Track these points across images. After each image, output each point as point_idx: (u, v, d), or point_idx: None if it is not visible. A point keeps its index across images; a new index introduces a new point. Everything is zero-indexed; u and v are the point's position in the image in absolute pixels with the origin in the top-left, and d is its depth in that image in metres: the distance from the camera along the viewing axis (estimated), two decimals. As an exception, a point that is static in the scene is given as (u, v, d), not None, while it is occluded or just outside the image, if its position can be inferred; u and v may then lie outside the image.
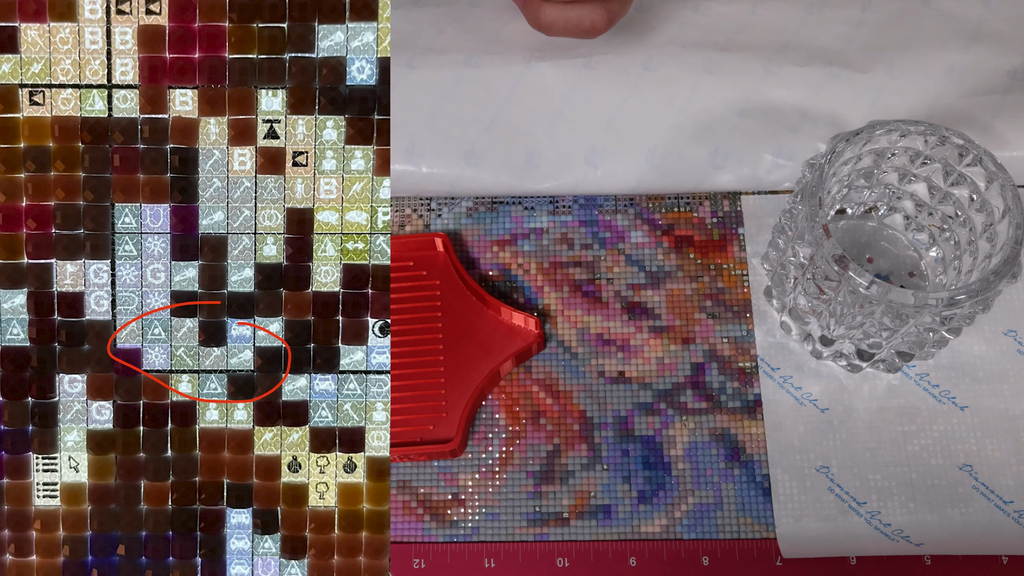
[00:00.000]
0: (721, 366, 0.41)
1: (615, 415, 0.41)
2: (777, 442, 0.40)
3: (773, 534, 0.39)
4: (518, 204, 0.45)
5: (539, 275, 0.43)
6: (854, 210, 0.42)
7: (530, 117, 0.44)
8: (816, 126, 0.43)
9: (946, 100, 0.43)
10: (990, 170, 0.35)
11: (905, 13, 0.46)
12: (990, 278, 0.33)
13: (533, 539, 0.39)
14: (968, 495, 0.39)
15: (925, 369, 0.41)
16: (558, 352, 0.42)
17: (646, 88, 0.44)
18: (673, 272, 0.43)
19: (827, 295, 0.36)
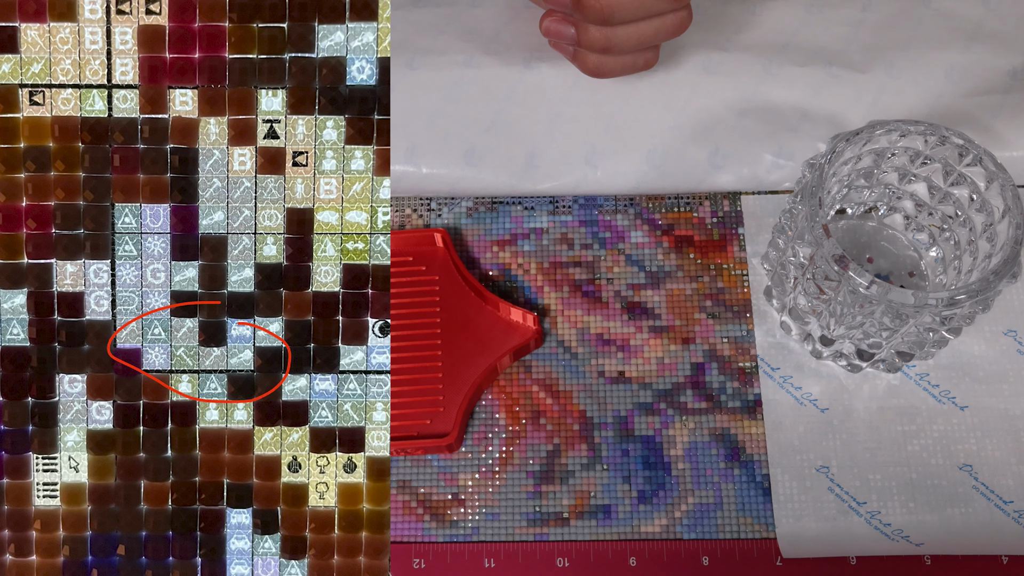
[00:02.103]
0: (721, 366, 0.41)
1: (615, 415, 0.41)
2: (777, 442, 0.40)
3: (773, 534, 0.39)
4: (518, 204, 0.45)
5: (539, 275, 0.43)
6: (854, 210, 0.42)
7: (530, 117, 0.44)
8: (816, 126, 0.43)
9: (946, 100, 0.43)
10: (990, 170, 0.35)
11: (905, 13, 0.46)
12: (990, 278, 0.33)
13: (533, 539, 0.39)
14: (968, 495, 0.39)
15: (925, 369, 0.41)
16: (558, 352, 0.42)
17: (646, 88, 0.44)
18: (673, 272, 0.43)
19: (827, 295, 0.36)
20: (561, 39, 0.41)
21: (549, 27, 0.40)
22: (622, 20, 0.38)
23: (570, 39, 0.40)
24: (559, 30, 0.40)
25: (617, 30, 0.39)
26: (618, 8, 0.38)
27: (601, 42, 0.39)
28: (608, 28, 0.39)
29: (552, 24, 0.40)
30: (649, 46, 0.40)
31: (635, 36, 0.39)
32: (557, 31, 0.40)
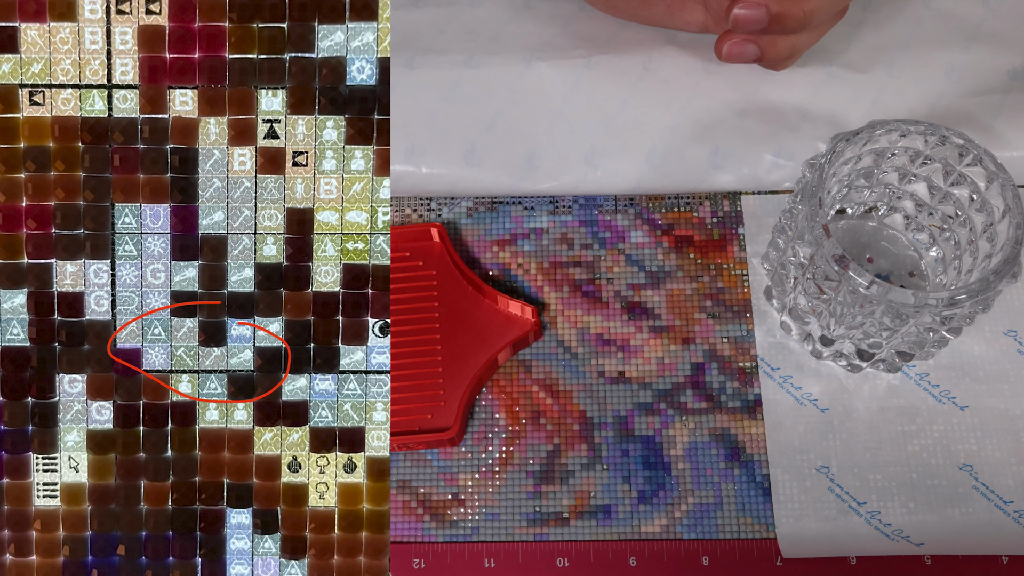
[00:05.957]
0: (721, 366, 0.41)
1: (615, 415, 0.41)
2: (777, 442, 0.40)
3: (773, 534, 0.39)
4: (518, 204, 0.45)
5: (539, 275, 0.43)
6: (854, 210, 0.42)
7: (530, 117, 0.44)
8: (816, 126, 0.43)
9: (946, 100, 0.43)
10: (990, 170, 0.35)
11: (905, 13, 0.46)
12: (990, 278, 0.33)
13: (533, 539, 0.39)
14: (968, 495, 0.39)
15: (925, 369, 0.41)
16: (558, 352, 0.42)
17: (646, 88, 0.44)
18: (673, 272, 0.43)
19: (827, 295, 0.36)
20: (743, 61, 0.40)
21: (731, 52, 0.39)
22: (816, 25, 0.38)
23: (752, 58, 0.39)
24: (742, 53, 0.39)
25: (802, 35, 0.39)
26: (818, 12, 0.37)
27: (788, 51, 0.39)
28: (795, 35, 0.38)
29: (734, 48, 0.39)
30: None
31: (818, 35, 0.40)
32: (740, 54, 0.39)
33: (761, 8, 0.37)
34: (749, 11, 0.37)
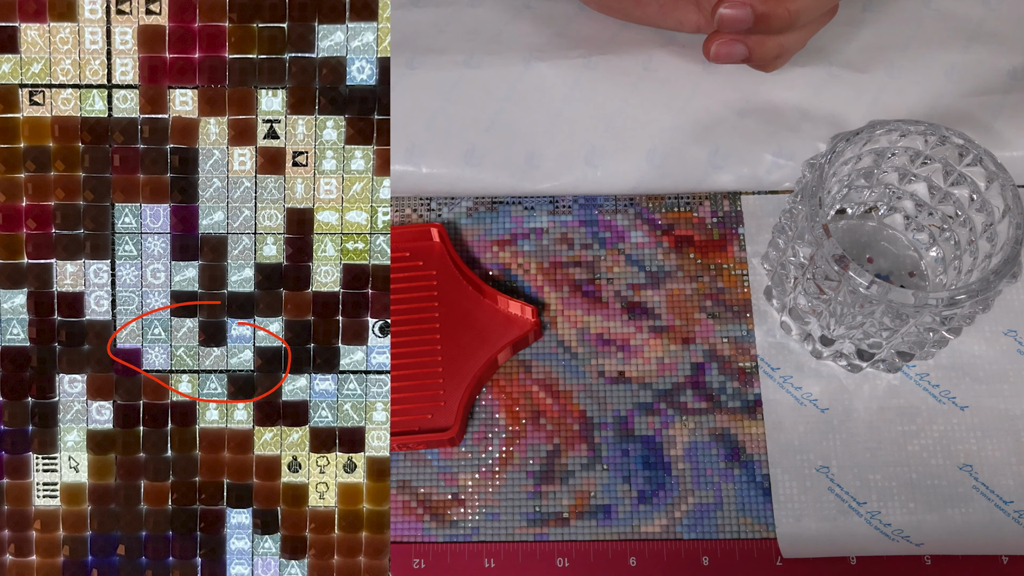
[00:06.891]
0: (721, 366, 0.41)
1: (615, 415, 0.41)
2: (777, 442, 0.40)
3: (773, 534, 0.39)
4: (518, 204, 0.45)
5: (539, 275, 0.43)
6: (854, 210, 0.42)
7: (530, 117, 0.44)
8: (816, 126, 0.43)
9: (946, 100, 0.43)
10: (990, 170, 0.35)
11: (905, 13, 0.46)
12: (990, 278, 0.33)
13: (533, 539, 0.39)
14: (968, 495, 0.39)
15: (925, 369, 0.41)
16: (558, 352, 0.42)
17: (646, 88, 0.44)
18: (673, 272, 0.43)
19: (827, 295, 0.36)
20: (731, 62, 0.40)
21: (719, 52, 0.39)
22: (803, 25, 0.38)
23: (740, 58, 0.39)
24: (729, 53, 0.39)
25: (790, 35, 0.39)
26: (804, 12, 0.37)
27: (775, 51, 0.39)
28: (783, 35, 0.38)
29: (721, 48, 0.39)
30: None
31: (806, 35, 0.39)
32: (728, 54, 0.39)
33: (746, 8, 0.37)
34: (734, 11, 0.37)
